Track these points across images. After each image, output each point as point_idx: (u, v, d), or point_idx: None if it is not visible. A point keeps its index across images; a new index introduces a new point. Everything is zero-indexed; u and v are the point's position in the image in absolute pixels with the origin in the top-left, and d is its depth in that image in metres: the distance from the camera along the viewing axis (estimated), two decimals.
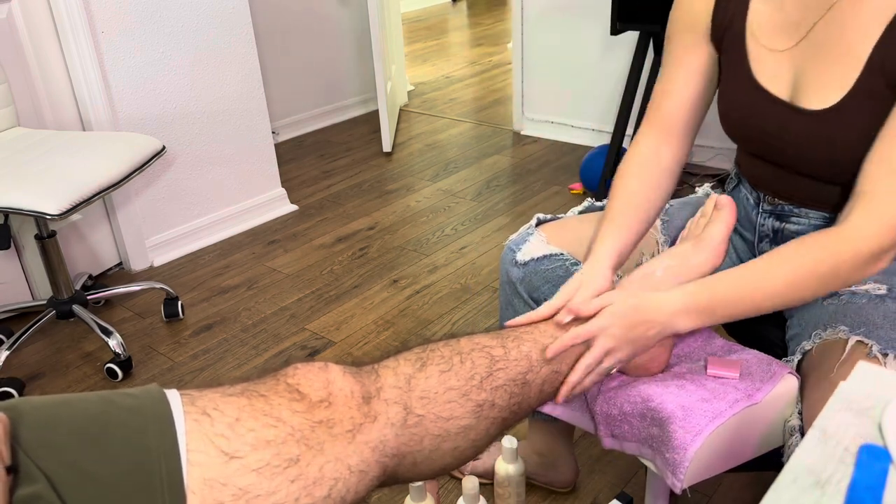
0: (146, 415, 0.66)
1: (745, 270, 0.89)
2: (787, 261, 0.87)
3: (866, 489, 0.48)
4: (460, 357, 0.86)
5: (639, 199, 1.06)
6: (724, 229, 0.97)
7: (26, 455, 0.60)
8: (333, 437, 0.72)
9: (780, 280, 0.87)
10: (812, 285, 0.87)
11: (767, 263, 0.88)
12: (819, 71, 0.93)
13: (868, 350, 0.87)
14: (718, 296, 0.89)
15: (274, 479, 0.67)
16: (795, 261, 0.87)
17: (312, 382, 0.75)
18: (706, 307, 0.89)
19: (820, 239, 0.87)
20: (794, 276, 0.86)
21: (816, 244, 0.87)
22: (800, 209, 1.05)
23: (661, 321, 0.90)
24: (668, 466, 0.90)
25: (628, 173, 1.09)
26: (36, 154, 1.78)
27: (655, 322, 0.90)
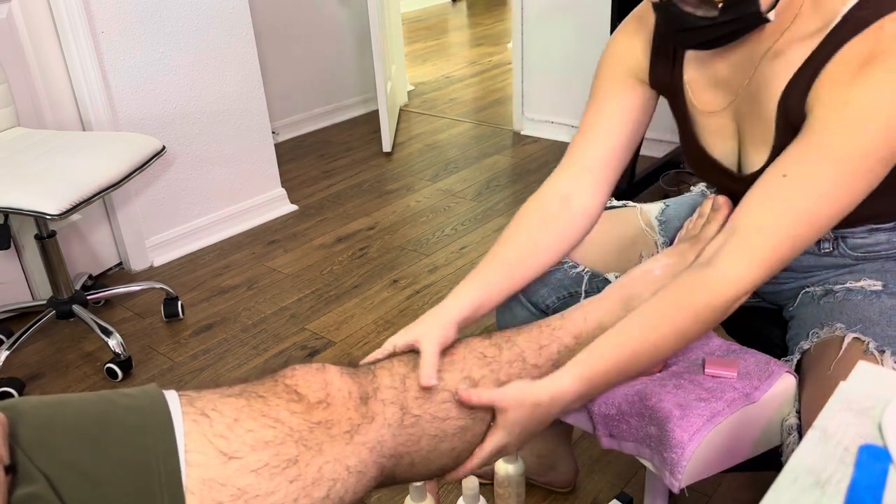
0: (145, 415, 0.66)
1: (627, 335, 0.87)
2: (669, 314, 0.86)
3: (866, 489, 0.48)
4: (452, 357, 0.86)
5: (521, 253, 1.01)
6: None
7: (25, 455, 0.60)
8: (332, 437, 0.72)
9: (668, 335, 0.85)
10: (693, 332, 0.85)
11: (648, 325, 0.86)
12: (752, 132, 0.94)
13: (865, 347, 0.87)
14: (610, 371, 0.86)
15: (272, 479, 0.67)
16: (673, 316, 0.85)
17: (310, 383, 0.75)
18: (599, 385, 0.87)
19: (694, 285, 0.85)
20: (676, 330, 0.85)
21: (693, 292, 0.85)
22: None
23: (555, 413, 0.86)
24: (666, 466, 0.90)
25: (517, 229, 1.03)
26: (36, 154, 1.78)
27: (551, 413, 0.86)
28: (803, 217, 0.82)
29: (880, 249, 0.98)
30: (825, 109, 0.81)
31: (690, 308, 0.84)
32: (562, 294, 1.12)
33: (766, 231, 0.82)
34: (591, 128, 1.04)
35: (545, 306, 1.13)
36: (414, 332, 0.90)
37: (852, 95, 0.79)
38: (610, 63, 1.05)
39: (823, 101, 0.82)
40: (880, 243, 0.97)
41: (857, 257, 0.99)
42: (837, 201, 0.81)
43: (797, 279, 1.05)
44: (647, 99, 1.04)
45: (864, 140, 0.79)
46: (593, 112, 1.05)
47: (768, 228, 0.82)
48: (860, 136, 0.79)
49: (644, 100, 1.04)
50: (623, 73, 1.03)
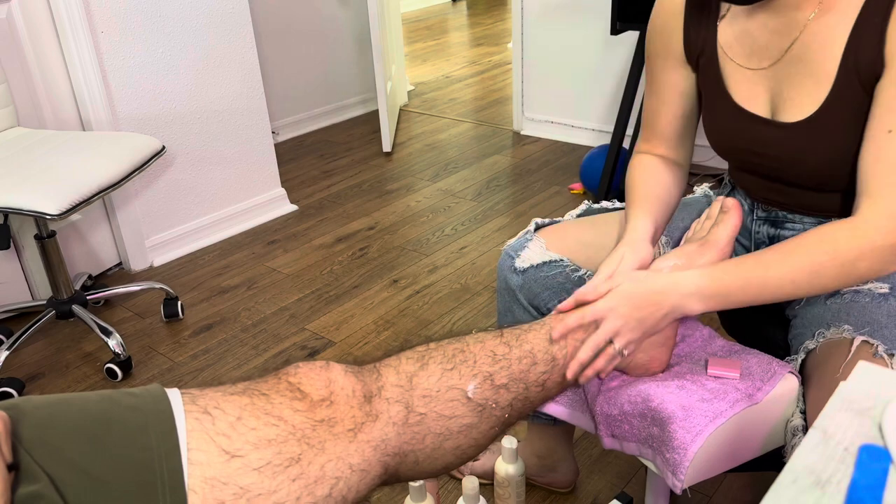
0: (147, 413, 0.66)
1: (763, 257, 0.89)
2: (806, 249, 0.87)
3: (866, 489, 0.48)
4: (462, 355, 0.86)
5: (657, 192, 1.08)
6: (730, 231, 0.97)
7: (27, 454, 0.60)
8: (335, 435, 0.72)
9: (799, 268, 0.87)
10: (832, 274, 0.86)
11: (786, 251, 0.88)
12: (793, 89, 0.95)
13: (874, 350, 0.87)
14: (735, 280, 0.88)
15: (275, 477, 0.67)
16: (815, 249, 0.87)
17: (314, 381, 0.75)
18: (721, 291, 0.89)
19: (838, 230, 0.87)
20: (813, 264, 0.86)
21: (836, 234, 0.87)
22: (794, 215, 1.06)
23: (671, 302, 0.89)
24: (669, 466, 0.90)
25: (639, 176, 1.11)
26: (36, 154, 1.78)
27: (665, 303, 0.89)
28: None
29: None
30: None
31: (832, 249, 0.86)
32: (564, 297, 1.12)
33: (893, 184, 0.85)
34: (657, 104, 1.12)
35: (547, 309, 1.13)
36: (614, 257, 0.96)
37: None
38: (653, 43, 1.10)
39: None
40: None
41: None
42: None
43: None
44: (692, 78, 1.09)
45: None
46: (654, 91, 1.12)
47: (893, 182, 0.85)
48: None
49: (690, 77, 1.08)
50: (664, 55, 1.08)
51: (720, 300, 0.89)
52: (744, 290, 0.88)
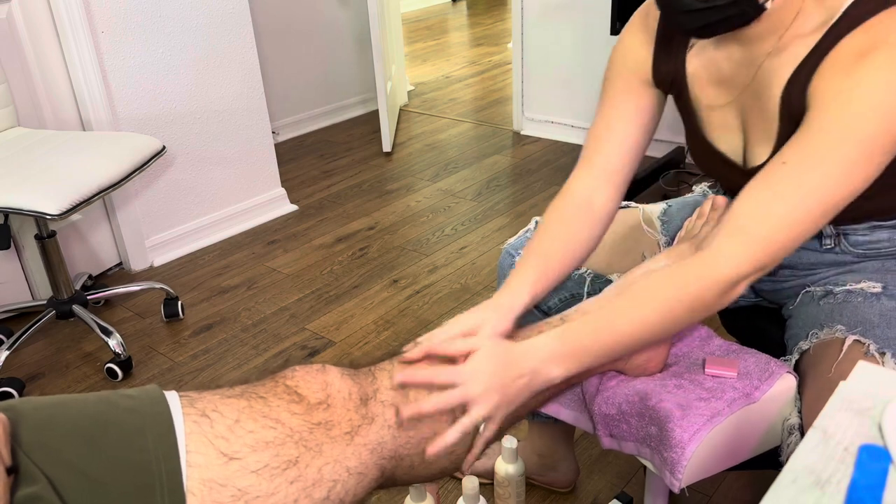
0: (145, 416, 0.66)
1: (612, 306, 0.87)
2: (654, 293, 0.85)
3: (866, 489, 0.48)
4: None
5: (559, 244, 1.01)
6: None
7: (26, 456, 0.60)
8: (332, 438, 0.72)
9: (649, 312, 0.85)
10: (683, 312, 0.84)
11: (634, 297, 0.86)
12: (756, 127, 0.95)
13: (865, 349, 0.87)
14: (587, 336, 0.86)
15: (273, 480, 0.67)
16: (663, 291, 0.85)
17: (311, 384, 0.75)
18: (575, 349, 0.86)
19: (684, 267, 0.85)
20: (663, 307, 0.84)
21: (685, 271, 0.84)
22: None
23: (530, 367, 0.85)
24: (667, 465, 0.90)
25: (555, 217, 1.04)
26: (36, 154, 1.78)
27: (525, 368, 0.84)
28: (802, 204, 0.81)
29: (881, 247, 0.98)
30: (824, 99, 0.82)
31: (683, 289, 0.83)
32: (564, 296, 1.12)
33: (764, 217, 0.82)
34: (603, 132, 1.05)
35: (547, 308, 1.13)
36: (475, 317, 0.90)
37: (850, 85, 0.80)
38: (617, 65, 1.06)
39: (822, 92, 0.82)
40: (881, 241, 0.98)
41: (858, 254, 0.99)
42: (837, 190, 0.81)
43: (798, 277, 1.05)
44: (654, 100, 1.04)
45: (863, 129, 0.79)
46: (604, 115, 1.05)
47: (766, 214, 0.82)
48: (859, 124, 0.79)
49: (651, 102, 1.04)
50: (629, 75, 1.04)
51: (578, 359, 0.86)
52: (598, 343, 0.86)
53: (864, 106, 0.79)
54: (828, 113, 0.81)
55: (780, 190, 0.82)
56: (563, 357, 0.86)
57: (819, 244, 1.01)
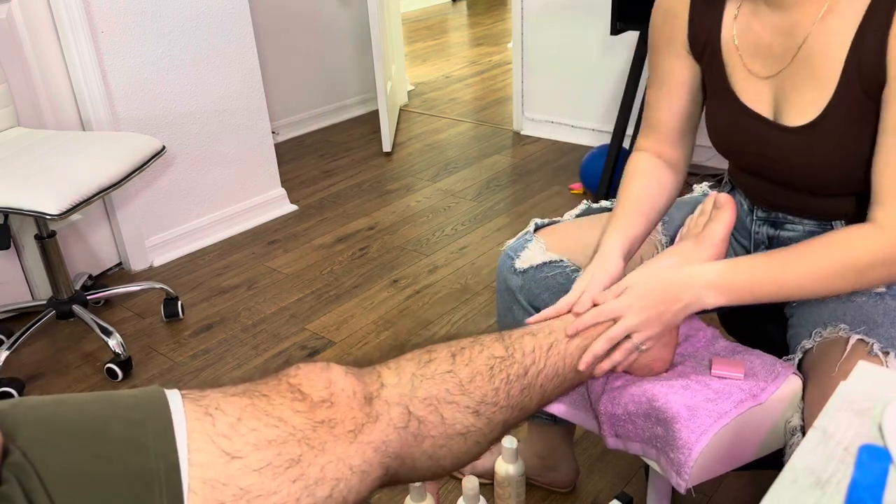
0: (145, 413, 0.66)
1: (781, 255, 0.90)
2: (824, 252, 0.88)
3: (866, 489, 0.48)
4: (462, 358, 0.86)
5: (643, 199, 1.07)
6: (725, 227, 0.97)
7: (23, 454, 0.60)
8: (335, 437, 0.72)
9: (816, 269, 0.87)
10: (847, 279, 0.87)
11: (805, 252, 0.89)
12: (797, 92, 0.94)
13: (869, 349, 0.87)
14: (752, 276, 0.89)
15: (275, 479, 0.67)
16: (833, 253, 0.87)
17: (314, 382, 0.75)
18: (739, 286, 0.89)
19: (856, 236, 0.88)
20: (830, 268, 0.87)
21: (854, 240, 0.87)
22: (794, 217, 1.06)
23: (689, 294, 0.90)
24: (673, 466, 0.90)
25: (632, 178, 1.10)
26: (36, 154, 1.78)
27: (684, 296, 0.90)
28: None
29: None
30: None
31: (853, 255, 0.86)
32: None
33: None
34: (658, 100, 1.11)
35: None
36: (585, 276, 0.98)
37: None
38: (655, 30, 1.09)
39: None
40: None
41: None
42: None
43: None
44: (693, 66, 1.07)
45: None
46: (654, 81, 1.11)
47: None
48: None
49: (695, 67, 1.07)
50: (667, 44, 1.07)
51: (737, 294, 0.90)
52: (760, 286, 0.89)
53: None
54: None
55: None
56: (726, 289, 0.89)
57: None
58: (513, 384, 0.86)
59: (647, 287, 0.90)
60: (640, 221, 1.05)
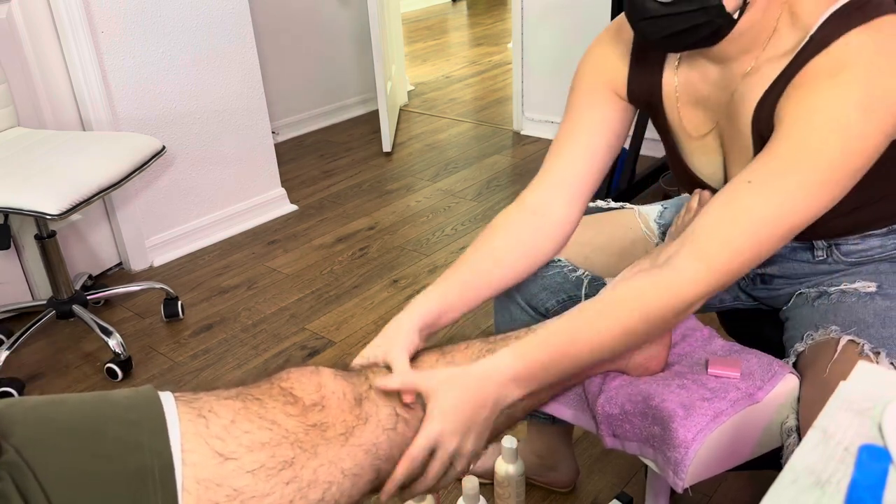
0: (140, 413, 0.67)
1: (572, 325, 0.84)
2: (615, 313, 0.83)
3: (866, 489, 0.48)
4: (445, 358, 0.87)
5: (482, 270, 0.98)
6: None
7: (18, 453, 0.60)
8: (327, 440, 0.72)
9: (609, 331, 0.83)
10: (642, 332, 0.83)
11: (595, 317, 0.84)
12: (733, 148, 0.94)
13: (860, 349, 0.87)
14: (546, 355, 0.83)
15: (269, 480, 0.67)
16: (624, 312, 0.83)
17: (305, 386, 0.75)
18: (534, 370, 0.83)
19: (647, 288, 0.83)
20: (624, 327, 0.83)
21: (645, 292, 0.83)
22: None
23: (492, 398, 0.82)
24: (670, 465, 0.90)
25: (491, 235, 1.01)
26: (36, 154, 1.78)
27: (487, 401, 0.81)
28: (764, 224, 0.80)
29: (873, 254, 0.98)
30: (790, 119, 0.81)
31: (642, 308, 0.82)
32: (561, 297, 1.12)
33: (726, 237, 0.81)
34: (566, 142, 1.02)
35: (545, 310, 1.13)
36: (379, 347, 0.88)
37: (815, 106, 0.79)
38: (586, 74, 1.03)
39: (788, 113, 0.81)
40: (873, 248, 0.98)
41: (850, 262, 0.99)
42: (800, 210, 0.80)
43: (792, 285, 1.05)
44: (624, 111, 1.02)
45: (827, 151, 0.78)
46: (568, 125, 1.02)
47: (728, 234, 0.81)
48: (824, 146, 0.78)
49: (621, 112, 1.01)
50: (599, 85, 1.01)
51: (536, 378, 0.84)
52: (557, 363, 0.84)
53: (828, 128, 0.78)
54: (792, 134, 0.80)
55: (742, 210, 0.80)
56: (521, 378, 0.83)
57: (812, 256, 1.01)
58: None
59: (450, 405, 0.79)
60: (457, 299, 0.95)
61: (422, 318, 0.91)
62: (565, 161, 1.02)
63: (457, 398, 0.80)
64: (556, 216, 1.01)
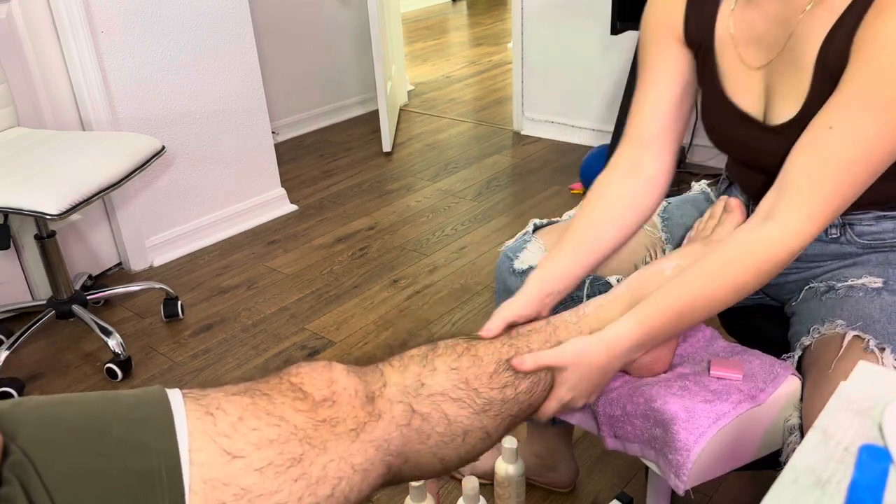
0: (146, 413, 0.66)
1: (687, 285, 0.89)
2: (727, 269, 0.87)
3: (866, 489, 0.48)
4: (469, 355, 0.86)
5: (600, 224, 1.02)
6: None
7: (24, 453, 0.60)
8: (337, 435, 0.72)
9: (723, 287, 0.87)
10: (753, 285, 0.87)
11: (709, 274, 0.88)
12: (783, 85, 0.94)
13: (865, 345, 0.87)
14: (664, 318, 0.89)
15: (277, 478, 0.67)
16: (736, 268, 0.87)
17: (315, 381, 0.75)
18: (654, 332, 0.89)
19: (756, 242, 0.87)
20: (736, 282, 0.87)
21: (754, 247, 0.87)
22: None
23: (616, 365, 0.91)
24: (672, 467, 0.90)
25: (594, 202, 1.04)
26: (36, 154, 1.78)
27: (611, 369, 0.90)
28: (852, 167, 0.83)
29: (886, 238, 0.98)
30: (867, 55, 0.81)
31: (753, 264, 0.86)
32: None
33: (819, 183, 0.84)
34: (643, 97, 1.06)
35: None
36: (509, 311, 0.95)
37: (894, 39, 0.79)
38: (649, 26, 1.06)
39: (865, 47, 0.81)
40: (886, 231, 0.98)
41: (863, 245, 0.99)
42: (887, 143, 0.82)
43: (802, 270, 1.04)
44: (690, 60, 1.05)
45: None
46: (643, 80, 1.07)
47: (821, 181, 0.84)
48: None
49: (688, 62, 1.05)
50: (662, 34, 1.04)
51: (655, 339, 0.91)
52: (675, 325, 0.89)
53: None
54: (870, 70, 0.81)
55: (830, 156, 0.83)
56: (643, 344, 0.90)
57: (825, 234, 1.01)
58: (520, 381, 0.86)
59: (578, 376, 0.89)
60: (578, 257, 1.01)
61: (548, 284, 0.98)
62: (646, 117, 1.05)
63: (586, 369, 0.89)
64: (648, 172, 1.05)
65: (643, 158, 1.05)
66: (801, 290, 1.04)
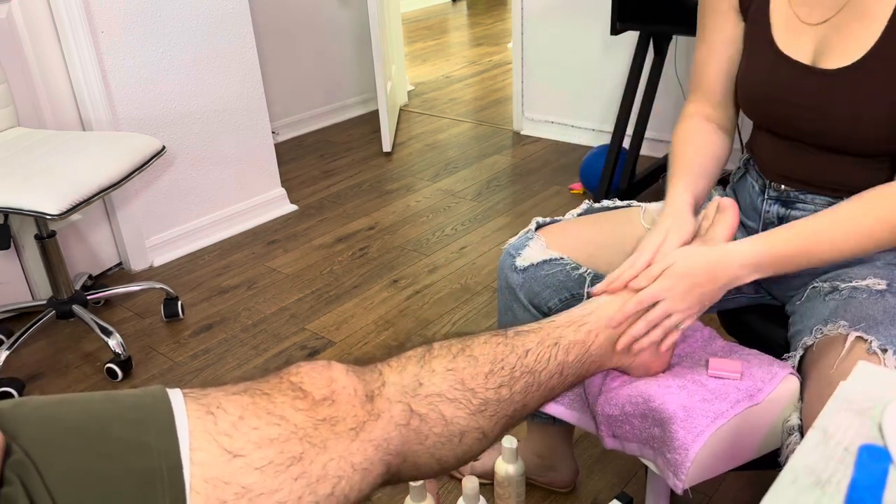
0: (147, 413, 0.66)
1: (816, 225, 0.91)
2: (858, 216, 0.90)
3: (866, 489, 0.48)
4: (464, 356, 0.86)
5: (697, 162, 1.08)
6: (728, 230, 0.97)
7: (25, 453, 0.61)
8: (336, 434, 0.72)
9: (851, 234, 0.90)
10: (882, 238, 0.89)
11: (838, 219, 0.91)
12: (842, 38, 0.95)
13: (868, 346, 0.87)
14: (789, 249, 0.91)
15: (277, 477, 0.67)
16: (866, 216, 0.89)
17: (315, 380, 0.75)
18: (776, 259, 0.91)
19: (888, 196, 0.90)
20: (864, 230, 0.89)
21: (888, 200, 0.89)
22: (805, 195, 1.06)
23: (726, 276, 0.92)
24: (670, 467, 0.90)
25: (683, 144, 1.11)
26: (36, 154, 1.78)
27: (723, 276, 0.92)
28: None
29: None
30: None
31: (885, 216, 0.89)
32: (564, 296, 1.12)
33: None
34: (706, 57, 1.13)
35: (547, 308, 1.13)
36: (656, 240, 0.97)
37: None
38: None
39: None
40: None
41: None
42: None
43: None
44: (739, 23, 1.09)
45: None
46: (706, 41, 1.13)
47: None
48: None
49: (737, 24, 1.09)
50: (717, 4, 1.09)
51: (776, 267, 0.92)
52: (796, 257, 0.91)
53: None
54: None
55: None
56: (761, 265, 0.91)
57: None
58: (516, 381, 0.87)
59: (685, 270, 0.92)
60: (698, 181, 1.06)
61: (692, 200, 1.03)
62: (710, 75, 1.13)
63: (694, 264, 0.91)
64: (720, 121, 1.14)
65: (712, 113, 1.14)
66: (805, 288, 1.04)
